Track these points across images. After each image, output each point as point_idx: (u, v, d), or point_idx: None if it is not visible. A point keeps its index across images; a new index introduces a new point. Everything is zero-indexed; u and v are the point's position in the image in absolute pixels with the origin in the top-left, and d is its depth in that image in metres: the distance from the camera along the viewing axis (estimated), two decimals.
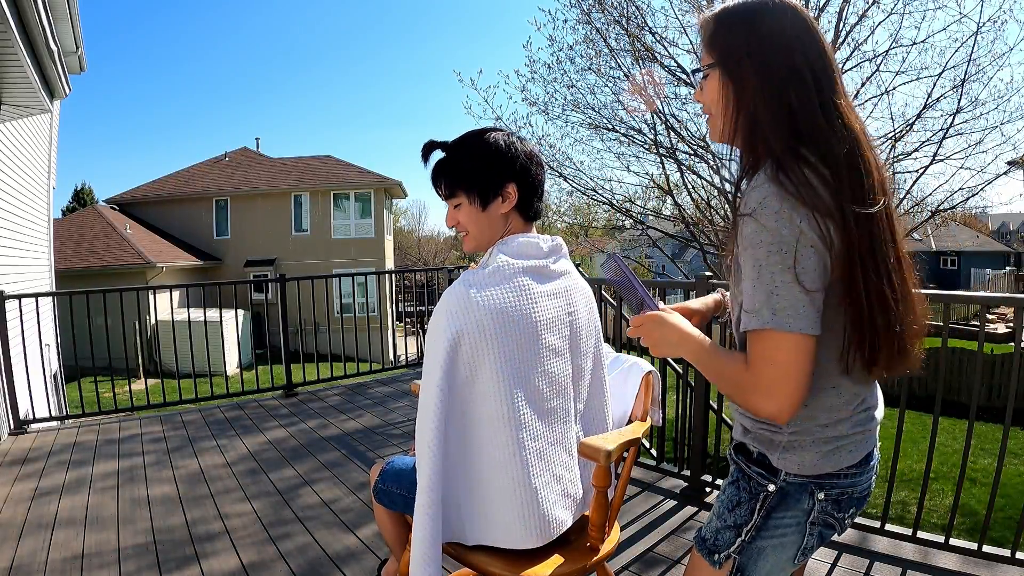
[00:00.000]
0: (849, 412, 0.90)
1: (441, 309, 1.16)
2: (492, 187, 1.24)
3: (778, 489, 0.91)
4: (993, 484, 1.96)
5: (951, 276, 25.69)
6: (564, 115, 7.27)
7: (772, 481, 0.91)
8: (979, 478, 6.36)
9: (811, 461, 0.89)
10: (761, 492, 0.92)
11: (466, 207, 1.25)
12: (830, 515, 0.92)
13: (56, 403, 5.01)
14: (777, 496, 0.91)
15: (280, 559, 2.11)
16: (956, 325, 13.87)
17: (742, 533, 0.93)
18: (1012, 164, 6.24)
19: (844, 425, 0.89)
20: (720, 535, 0.95)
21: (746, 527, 0.93)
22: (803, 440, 0.89)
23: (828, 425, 0.89)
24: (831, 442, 0.89)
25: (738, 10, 0.91)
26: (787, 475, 0.90)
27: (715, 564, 0.95)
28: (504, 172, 1.23)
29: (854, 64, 6.39)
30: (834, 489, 0.91)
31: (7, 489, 2.83)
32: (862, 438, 0.92)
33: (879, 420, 0.97)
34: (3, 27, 3.37)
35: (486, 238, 1.27)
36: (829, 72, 0.87)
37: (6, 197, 5.22)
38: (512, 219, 1.27)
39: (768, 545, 0.93)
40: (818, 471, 0.89)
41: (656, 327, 0.99)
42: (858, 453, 0.91)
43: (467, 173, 1.24)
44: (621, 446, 1.20)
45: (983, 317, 2.39)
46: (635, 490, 2.60)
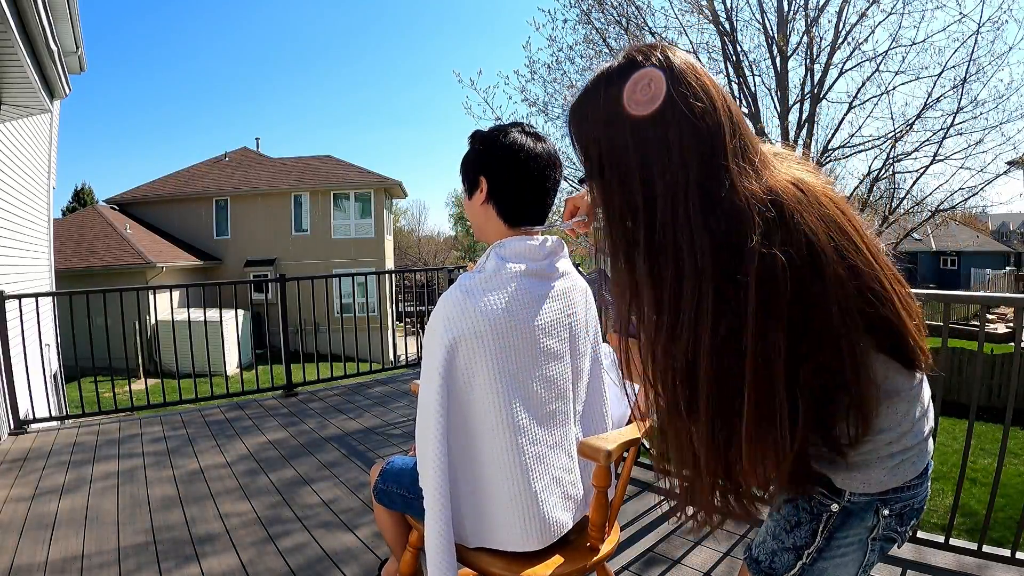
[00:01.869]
0: (911, 423, 0.85)
1: (438, 315, 1.16)
2: (467, 177, 1.28)
3: (842, 508, 0.85)
4: (993, 484, 1.96)
5: (951, 276, 25.69)
6: (564, 115, 7.28)
7: (836, 501, 0.85)
8: (979, 478, 6.37)
9: (877, 478, 0.83)
10: (824, 512, 0.85)
11: (464, 199, 1.32)
12: (893, 530, 0.88)
13: (56, 403, 5.01)
14: (841, 516, 0.85)
15: (280, 558, 2.11)
16: (956, 325, 13.87)
17: (803, 556, 0.88)
18: (1012, 164, 6.24)
19: (908, 437, 0.85)
20: (777, 557, 0.89)
21: (807, 549, 0.87)
22: (870, 458, 0.83)
23: (893, 441, 0.84)
24: (896, 456, 0.84)
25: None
26: (851, 494, 0.84)
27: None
28: (475, 163, 1.26)
29: (854, 64, 6.40)
30: (898, 503, 0.86)
31: (7, 489, 2.83)
32: (925, 447, 0.87)
33: (932, 425, 0.92)
34: (3, 27, 3.37)
35: (480, 232, 1.30)
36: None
37: (6, 197, 5.22)
38: (493, 215, 1.25)
39: (830, 566, 0.87)
40: (884, 487, 0.84)
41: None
42: (920, 463, 0.86)
43: (462, 166, 1.29)
44: (621, 446, 1.20)
45: (983, 317, 2.39)
46: (635, 490, 2.60)
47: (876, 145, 6.56)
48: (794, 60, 6.66)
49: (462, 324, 1.13)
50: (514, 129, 1.26)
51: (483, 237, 1.29)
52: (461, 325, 1.13)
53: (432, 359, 1.15)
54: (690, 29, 6.64)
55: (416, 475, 1.31)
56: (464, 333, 1.12)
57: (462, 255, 42.76)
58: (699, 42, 6.63)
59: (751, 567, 0.92)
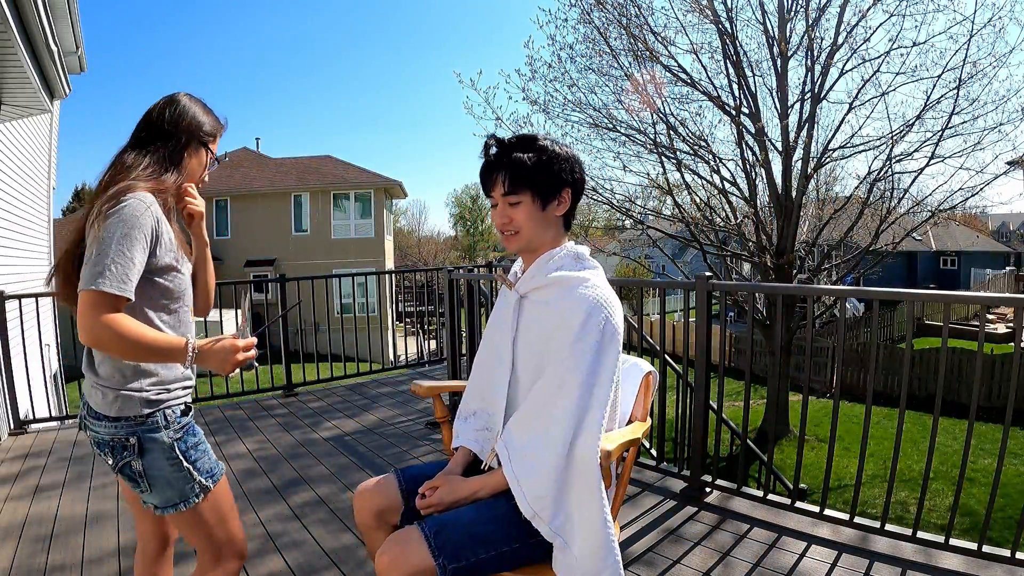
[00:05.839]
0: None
1: (617, 311, 1.24)
2: (554, 189, 1.26)
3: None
4: (993, 484, 1.96)
5: (951, 276, 25.67)
6: (564, 114, 7.28)
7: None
8: (979, 478, 6.36)
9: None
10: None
11: (526, 206, 1.26)
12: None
13: (56, 403, 5.00)
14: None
15: (279, 558, 2.11)
16: (956, 325, 13.87)
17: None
18: (1012, 164, 6.24)
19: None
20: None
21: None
22: None
23: None
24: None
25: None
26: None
27: None
28: (565, 177, 1.27)
29: (855, 65, 6.39)
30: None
31: (7, 489, 2.83)
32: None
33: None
34: (3, 27, 3.37)
35: (537, 239, 1.29)
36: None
37: (6, 197, 5.22)
38: (559, 223, 1.32)
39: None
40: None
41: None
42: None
43: (533, 172, 1.24)
44: (621, 446, 1.20)
45: (983, 317, 2.39)
46: (635, 490, 2.60)
47: (876, 146, 6.56)
48: (794, 60, 6.66)
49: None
50: (566, 145, 1.33)
51: (527, 247, 1.31)
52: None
53: (615, 362, 1.21)
54: (690, 29, 6.64)
55: (498, 515, 1.18)
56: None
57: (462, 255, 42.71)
58: (699, 42, 6.63)
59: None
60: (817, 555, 2.02)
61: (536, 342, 1.26)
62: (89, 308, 1.07)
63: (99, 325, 1.07)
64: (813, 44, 6.35)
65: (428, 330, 11.51)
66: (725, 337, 3.20)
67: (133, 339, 1.09)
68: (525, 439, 1.19)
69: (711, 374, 2.59)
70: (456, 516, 1.19)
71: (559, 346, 1.19)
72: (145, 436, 1.20)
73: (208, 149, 1.34)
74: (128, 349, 1.10)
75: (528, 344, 1.28)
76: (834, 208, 7.40)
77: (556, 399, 1.17)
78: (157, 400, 1.22)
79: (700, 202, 7.52)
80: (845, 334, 7.59)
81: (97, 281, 1.07)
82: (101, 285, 1.06)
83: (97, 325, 1.07)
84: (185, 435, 1.26)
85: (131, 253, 1.10)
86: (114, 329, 1.08)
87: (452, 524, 1.16)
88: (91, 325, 1.07)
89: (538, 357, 1.24)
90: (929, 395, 9.67)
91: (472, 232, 45.87)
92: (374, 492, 1.34)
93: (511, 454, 1.19)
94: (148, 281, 1.17)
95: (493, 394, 1.35)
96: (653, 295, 18.50)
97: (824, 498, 2.33)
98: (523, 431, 1.20)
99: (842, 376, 9.44)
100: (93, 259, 1.08)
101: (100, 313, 1.07)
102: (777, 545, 2.10)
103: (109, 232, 1.09)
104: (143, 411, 1.20)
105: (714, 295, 2.61)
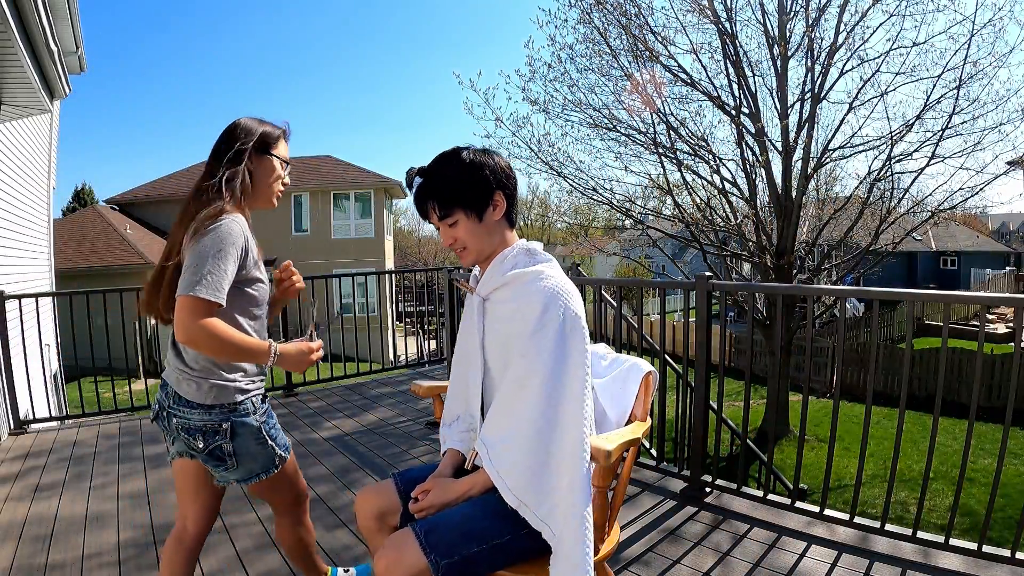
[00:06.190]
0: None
1: (577, 303, 1.25)
2: (483, 199, 1.28)
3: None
4: (993, 484, 1.96)
5: (951, 276, 25.66)
6: (564, 114, 7.27)
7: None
8: (979, 478, 6.36)
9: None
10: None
11: (463, 223, 1.29)
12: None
13: (56, 403, 5.01)
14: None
15: (279, 558, 2.11)
16: (956, 325, 13.87)
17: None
18: (1012, 164, 6.23)
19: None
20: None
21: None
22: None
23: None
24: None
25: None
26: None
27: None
28: (490, 182, 1.28)
29: (855, 65, 6.39)
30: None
31: (7, 489, 2.83)
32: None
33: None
34: (3, 27, 3.37)
35: (486, 248, 1.32)
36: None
37: (6, 197, 5.22)
38: (503, 225, 1.33)
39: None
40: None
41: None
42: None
43: (458, 190, 1.28)
44: (621, 446, 1.20)
45: (983, 317, 2.40)
46: (635, 490, 2.60)
47: (876, 146, 6.55)
48: (794, 60, 6.66)
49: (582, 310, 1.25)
50: (484, 150, 1.34)
51: (481, 258, 1.34)
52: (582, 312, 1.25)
53: (582, 349, 1.21)
54: (690, 29, 6.63)
55: (487, 511, 1.21)
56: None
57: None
58: (699, 42, 6.62)
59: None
60: (817, 555, 2.02)
61: (501, 341, 1.30)
62: (187, 312, 1.23)
63: (196, 327, 1.23)
64: (813, 44, 6.35)
65: (428, 330, 11.52)
66: (725, 337, 3.20)
67: (225, 340, 1.26)
68: (499, 435, 1.22)
69: (711, 374, 2.59)
70: (448, 514, 1.22)
71: (519, 340, 1.22)
72: (237, 421, 1.39)
73: (271, 154, 1.47)
74: (220, 349, 1.27)
75: (495, 344, 1.32)
76: (834, 208, 7.40)
77: (521, 392, 1.20)
78: (246, 389, 1.41)
79: (700, 202, 7.52)
80: (845, 334, 7.58)
81: (195, 288, 1.22)
82: (199, 292, 1.22)
83: (194, 327, 1.23)
84: (267, 417, 1.48)
85: (224, 265, 1.27)
86: (209, 331, 1.23)
87: (444, 522, 1.19)
88: (188, 326, 1.23)
89: (505, 355, 1.28)
90: (929, 395, 9.67)
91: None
92: (375, 496, 1.38)
93: (489, 450, 1.22)
94: (238, 290, 1.35)
95: (469, 397, 1.38)
96: (653, 295, 18.50)
97: (824, 498, 2.33)
98: (497, 427, 1.23)
99: (842, 376, 9.44)
100: (191, 270, 1.25)
101: (198, 317, 1.23)
102: (777, 545, 2.10)
103: (206, 247, 1.26)
104: (236, 399, 1.39)
105: (714, 295, 2.61)
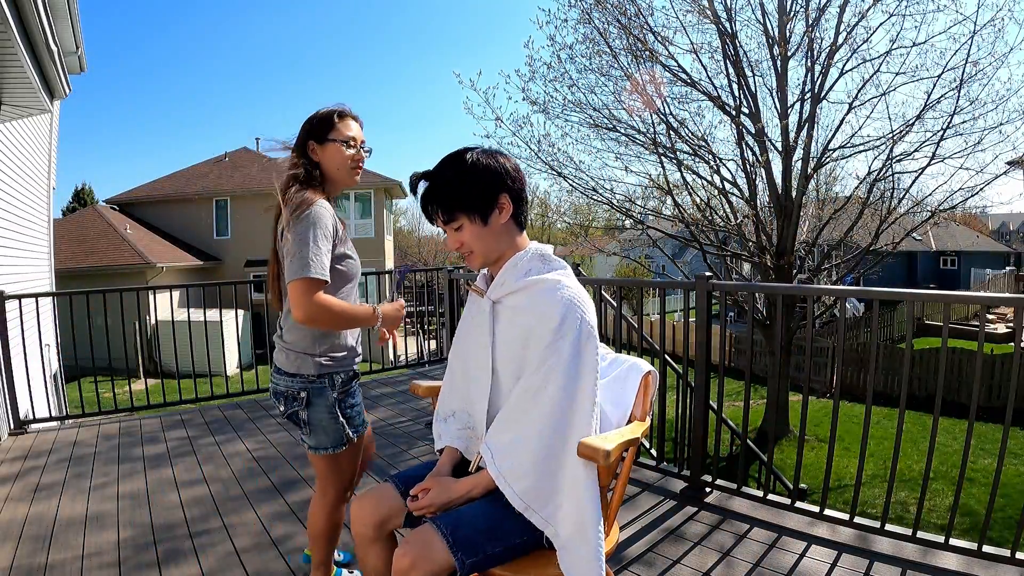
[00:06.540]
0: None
1: (591, 309, 1.26)
2: (488, 202, 1.27)
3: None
4: (993, 484, 1.96)
5: (951, 276, 25.66)
6: (564, 114, 7.27)
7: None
8: (979, 478, 6.36)
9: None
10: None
11: (468, 227, 1.29)
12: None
13: (56, 403, 5.00)
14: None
15: (279, 558, 2.11)
16: (956, 325, 13.86)
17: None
18: (1012, 164, 6.23)
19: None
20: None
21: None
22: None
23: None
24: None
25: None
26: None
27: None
28: (495, 185, 1.27)
29: (855, 65, 6.39)
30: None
31: (7, 489, 2.83)
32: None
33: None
34: (3, 27, 3.37)
35: (493, 252, 1.32)
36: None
37: (6, 197, 5.22)
38: (511, 228, 1.32)
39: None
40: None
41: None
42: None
43: (463, 194, 1.27)
44: (621, 446, 1.20)
45: (983, 317, 2.40)
46: (635, 490, 2.60)
47: (876, 146, 6.55)
48: (794, 60, 6.66)
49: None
50: (490, 151, 1.32)
51: (488, 261, 1.34)
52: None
53: (595, 360, 1.23)
54: (690, 29, 6.63)
55: (507, 511, 1.21)
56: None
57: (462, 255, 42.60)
58: (699, 42, 6.62)
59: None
60: (817, 555, 2.02)
61: (514, 346, 1.28)
62: (302, 293, 1.37)
63: (312, 304, 1.37)
64: (813, 44, 6.34)
65: (428, 330, 11.53)
66: (725, 337, 3.20)
67: (338, 311, 1.43)
68: (508, 438, 1.22)
69: (711, 374, 2.59)
70: (469, 514, 1.22)
71: (538, 348, 1.22)
72: (314, 391, 1.53)
73: (329, 140, 1.57)
74: (335, 320, 1.44)
75: (506, 348, 1.30)
76: (834, 208, 7.39)
77: (538, 397, 1.20)
78: (327, 366, 1.55)
79: (700, 202, 7.52)
80: (845, 334, 7.59)
81: (305, 271, 1.37)
82: (309, 273, 1.37)
83: (311, 305, 1.37)
84: (346, 396, 1.60)
85: (321, 246, 1.41)
86: (324, 306, 1.40)
87: (467, 521, 1.19)
88: (306, 305, 1.37)
89: (517, 360, 1.27)
90: (929, 395, 9.67)
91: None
92: (374, 502, 1.34)
93: (494, 454, 1.22)
94: (332, 268, 1.47)
95: (473, 398, 1.37)
96: (653, 295, 18.51)
97: (824, 498, 2.33)
98: (505, 431, 1.23)
99: (842, 376, 9.44)
100: (296, 256, 1.38)
101: (312, 295, 1.38)
102: (777, 545, 2.10)
103: (302, 235, 1.40)
104: (314, 372, 1.53)
105: (714, 295, 2.61)
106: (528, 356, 1.24)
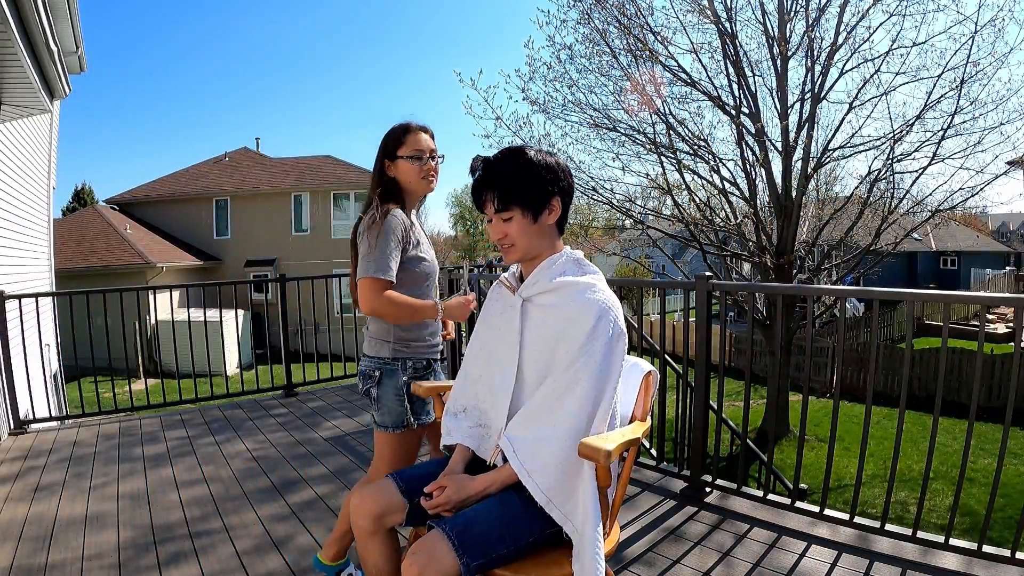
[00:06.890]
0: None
1: (621, 314, 1.30)
2: (542, 200, 1.31)
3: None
4: (993, 484, 1.96)
5: (951, 276, 25.65)
6: (564, 114, 7.27)
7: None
8: (979, 478, 6.37)
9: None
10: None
11: (517, 220, 1.31)
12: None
13: (56, 403, 5.01)
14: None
15: (279, 558, 2.11)
16: (956, 325, 13.86)
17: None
18: (1012, 164, 6.24)
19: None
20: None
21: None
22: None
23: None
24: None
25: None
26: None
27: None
28: (552, 187, 1.31)
29: (855, 65, 6.39)
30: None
31: (7, 489, 2.83)
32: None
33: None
34: (3, 27, 3.37)
35: (534, 249, 1.34)
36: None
37: (6, 197, 5.22)
38: (553, 230, 1.36)
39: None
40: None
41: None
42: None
43: (523, 188, 1.29)
44: (621, 446, 1.20)
45: (983, 317, 2.40)
46: (635, 490, 2.60)
47: (876, 146, 6.55)
48: (794, 60, 6.66)
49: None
50: (549, 153, 1.36)
51: (526, 258, 1.36)
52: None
53: (620, 364, 1.27)
54: (690, 29, 6.63)
55: (517, 511, 1.23)
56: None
57: (462, 255, 42.67)
58: (699, 42, 6.62)
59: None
60: (817, 555, 2.02)
61: (543, 345, 1.30)
62: (369, 290, 1.57)
63: (377, 300, 1.57)
64: (813, 44, 6.35)
65: None
66: (725, 337, 3.20)
67: (400, 304, 1.61)
68: (532, 433, 1.24)
69: (711, 374, 2.59)
70: (475, 515, 1.21)
71: (570, 347, 1.25)
72: (386, 371, 1.70)
73: (398, 157, 1.72)
74: (397, 313, 1.62)
75: (535, 345, 1.32)
76: (834, 208, 7.39)
77: (569, 394, 1.23)
78: (399, 350, 1.72)
79: (700, 202, 7.52)
80: (845, 334, 7.58)
81: (372, 271, 1.57)
82: (375, 273, 1.56)
83: (376, 300, 1.57)
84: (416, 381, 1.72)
85: (388, 250, 1.58)
86: (386, 300, 1.58)
87: (473, 524, 1.18)
88: (370, 300, 1.57)
89: (545, 359, 1.29)
90: (929, 395, 9.67)
91: (472, 232, 45.83)
92: (374, 497, 1.33)
93: (516, 449, 1.23)
94: (404, 268, 1.65)
95: (494, 393, 1.37)
96: (653, 295, 18.50)
97: (824, 498, 2.33)
98: (530, 425, 1.25)
99: (842, 376, 9.44)
100: (367, 257, 1.58)
101: (374, 292, 1.57)
102: (777, 545, 2.10)
103: (373, 239, 1.59)
104: (387, 355, 1.71)
105: (714, 295, 2.61)
106: (557, 356, 1.27)
